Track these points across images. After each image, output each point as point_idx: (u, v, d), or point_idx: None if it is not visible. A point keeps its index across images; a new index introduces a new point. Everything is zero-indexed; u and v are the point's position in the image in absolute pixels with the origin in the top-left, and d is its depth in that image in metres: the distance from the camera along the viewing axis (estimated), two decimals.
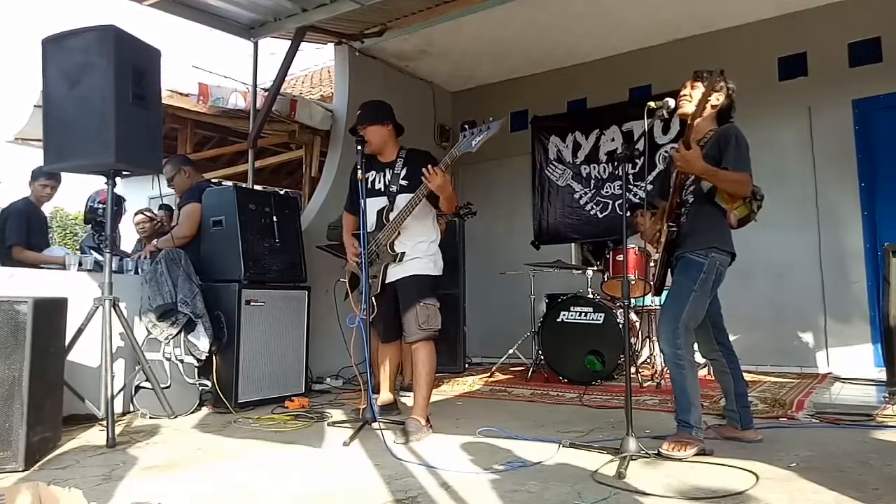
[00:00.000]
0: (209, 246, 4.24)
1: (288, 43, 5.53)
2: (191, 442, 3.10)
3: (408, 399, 3.85)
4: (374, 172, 3.41)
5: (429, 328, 3.23)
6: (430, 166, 3.08)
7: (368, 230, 3.32)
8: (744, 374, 2.95)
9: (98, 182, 3.94)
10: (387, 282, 3.31)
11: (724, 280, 2.83)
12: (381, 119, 3.39)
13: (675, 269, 2.88)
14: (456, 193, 3.34)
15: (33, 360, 2.63)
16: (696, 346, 2.90)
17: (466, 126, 3.09)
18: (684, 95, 2.83)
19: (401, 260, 3.27)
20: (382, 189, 3.38)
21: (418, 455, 2.74)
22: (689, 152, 2.64)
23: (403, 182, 3.32)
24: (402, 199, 3.26)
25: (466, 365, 5.73)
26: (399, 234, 3.27)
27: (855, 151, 5.30)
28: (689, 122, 2.74)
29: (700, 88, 2.77)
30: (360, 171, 3.24)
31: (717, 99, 2.82)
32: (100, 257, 3.85)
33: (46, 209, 5.19)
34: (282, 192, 6.60)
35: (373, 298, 3.31)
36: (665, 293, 3.29)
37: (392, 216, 3.27)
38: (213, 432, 3.34)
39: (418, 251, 3.30)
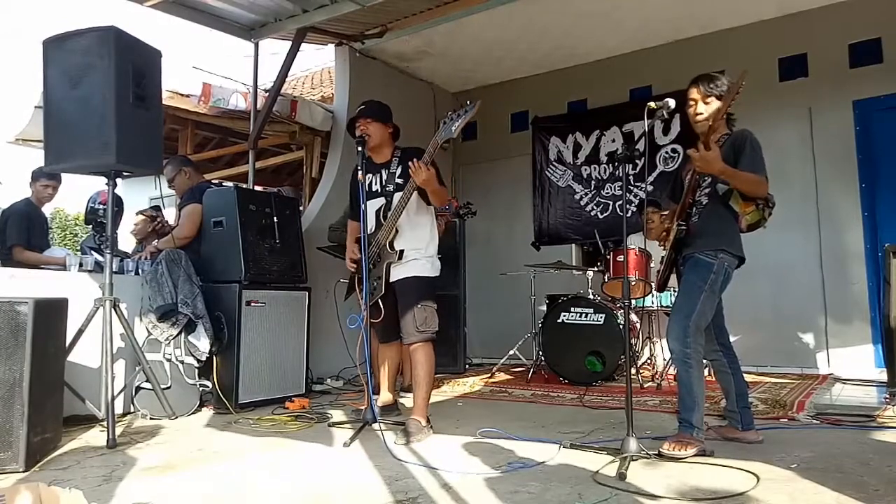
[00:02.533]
0: (210, 247, 4.24)
1: (288, 44, 5.53)
2: (191, 443, 3.09)
3: (407, 400, 3.85)
4: (370, 175, 3.42)
5: (426, 329, 3.23)
6: (413, 161, 3.08)
7: (369, 232, 3.32)
8: (744, 374, 2.96)
9: (98, 183, 3.94)
10: (390, 281, 3.32)
11: (730, 282, 2.84)
12: (385, 119, 3.43)
13: (684, 268, 2.89)
14: (445, 187, 3.33)
15: (34, 361, 2.63)
16: None
17: (448, 114, 3.11)
18: (700, 114, 2.81)
19: (401, 258, 3.27)
20: (379, 190, 3.39)
21: (419, 456, 2.74)
22: (709, 153, 2.65)
23: (399, 180, 3.32)
24: (399, 198, 3.27)
25: (467, 366, 5.73)
26: (397, 232, 3.28)
27: (855, 152, 5.30)
28: (706, 132, 2.74)
29: (714, 103, 2.76)
30: (360, 172, 3.24)
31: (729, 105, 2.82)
32: (100, 258, 3.85)
33: (47, 210, 5.19)
34: (283, 193, 6.60)
35: (379, 301, 3.31)
36: (667, 291, 3.29)
37: (389, 215, 3.28)
38: (213, 433, 3.34)
39: (416, 252, 3.30)
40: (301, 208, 5.49)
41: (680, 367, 2.76)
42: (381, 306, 3.32)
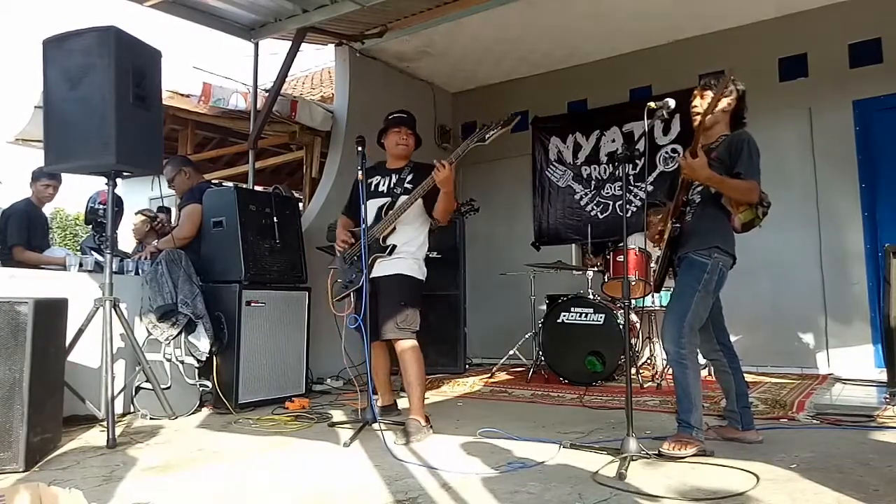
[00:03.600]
0: (210, 247, 4.24)
1: (288, 44, 5.53)
2: (191, 443, 3.10)
3: (407, 400, 3.85)
4: (379, 176, 3.46)
5: (406, 327, 3.23)
6: (438, 160, 3.11)
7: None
8: (744, 374, 2.96)
9: (98, 183, 3.94)
10: (372, 276, 3.30)
11: (726, 281, 2.84)
12: (416, 130, 3.52)
13: (679, 268, 2.88)
14: (457, 197, 3.36)
15: (34, 361, 2.63)
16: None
17: (487, 123, 3.17)
18: (695, 107, 2.83)
19: (390, 253, 3.29)
20: (386, 191, 3.42)
21: (419, 456, 2.74)
22: (695, 161, 2.65)
23: (409, 185, 3.35)
24: (404, 199, 3.29)
25: (467, 366, 5.72)
26: (394, 229, 3.29)
27: (855, 152, 5.30)
28: (697, 127, 2.75)
29: (709, 97, 2.78)
30: (360, 172, 3.25)
31: (728, 104, 2.82)
32: (100, 258, 3.85)
33: (47, 210, 5.19)
34: (283, 193, 6.60)
35: (353, 294, 3.32)
36: (664, 291, 3.29)
37: (391, 212, 3.30)
38: (213, 433, 3.34)
39: (405, 252, 3.32)
40: (301, 208, 5.49)
41: (676, 368, 2.76)
42: (353, 298, 3.33)
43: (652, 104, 2.77)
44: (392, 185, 3.40)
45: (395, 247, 3.29)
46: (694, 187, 2.87)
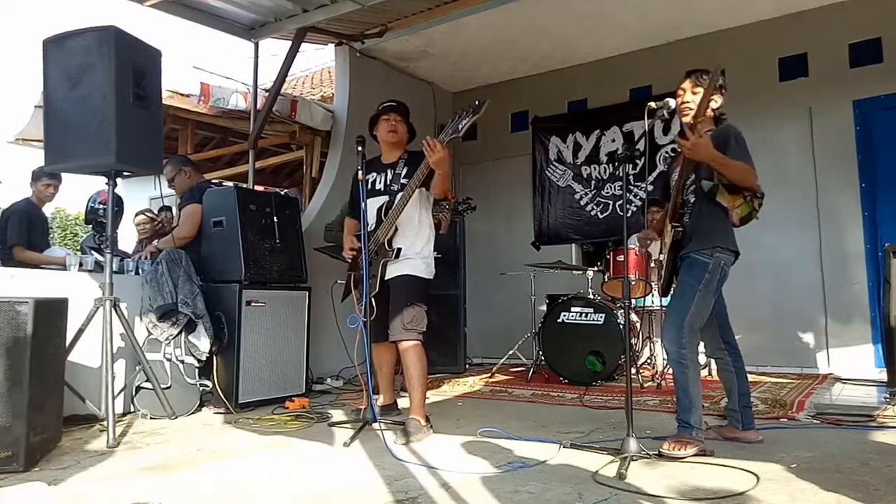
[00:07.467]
0: (210, 246, 4.24)
1: (288, 44, 5.54)
2: (191, 442, 3.09)
3: (407, 400, 3.85)
4: (374, 174, 3.45)
5: (413, 329, 3.23)
6: (429, 138, 3.08)
7: (369, 229, 3.33)
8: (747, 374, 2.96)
9: (99, 182, 3.95)
10: (385, 279, 3.32)
11: (727, 279, 2.84)
12: (409, 119, 3.51)
13: (680, 268, 2.88)
14: (450, 175, 3.36)
15: (34, 361, 2.63)
16: (701, 346, 2.91)
17: (457, 112, 3.15)
18: (687, 103, 2.82)
19: (398, 256, 3.29)
20: (383, 189, 3.41)
21: (419, 455, 2.74)
22: (699, 139, 2.63)
23: (404, 181, 3.34)
24: (400, 196, 3.29)
25: (467, 365, 5.73)
26: (396, 230, 3.29)
27: (856, 152, 5.30)
28: (691, 124, 2.74)
29: (701, 94, 2.77)
30: (360, 172, 3.25)
31: (717, 101, 2.81)
32: (100, 258, 3.85)
33: (48, 210, 5.19)
34: (282, 193, 6.60)
35: (372, 299, 3.32)
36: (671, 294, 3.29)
37: (391, 212, 3.30)
38: (213, 433, 3.34)
39: (412, 252, 3.32)
40: (301, 208, 5.49)
41: (676, 368, 2.76)
42: (374, 305, 3.32)
43: (652, 104, 2.77)
44: (388, 181, 3.40)
45: (400, 250, 3.29)
46: (687, 188, 2.87)
